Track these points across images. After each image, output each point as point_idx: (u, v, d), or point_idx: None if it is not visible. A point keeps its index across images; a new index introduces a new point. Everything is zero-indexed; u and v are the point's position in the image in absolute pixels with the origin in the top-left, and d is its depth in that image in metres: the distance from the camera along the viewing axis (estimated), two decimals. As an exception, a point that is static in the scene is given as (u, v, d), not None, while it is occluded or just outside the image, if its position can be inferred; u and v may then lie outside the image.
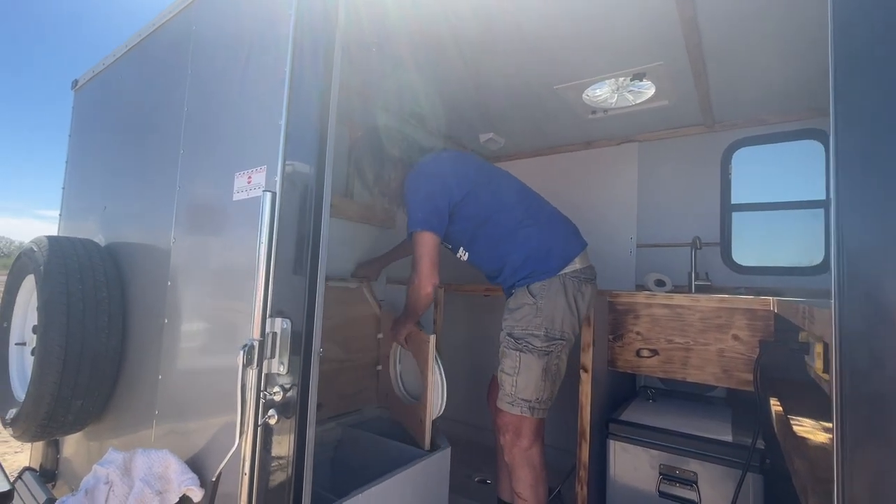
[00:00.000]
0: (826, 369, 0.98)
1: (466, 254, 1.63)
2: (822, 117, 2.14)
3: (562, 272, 1.48)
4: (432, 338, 1.63)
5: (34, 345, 1.70)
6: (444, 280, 2.50)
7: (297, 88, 1.10)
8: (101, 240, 1.80)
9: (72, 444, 1.82)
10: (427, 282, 1.50)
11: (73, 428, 1.54)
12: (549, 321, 1.44)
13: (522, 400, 1.44)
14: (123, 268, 1.63)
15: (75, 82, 2.23)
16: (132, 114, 1.77)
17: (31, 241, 1.63)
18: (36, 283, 1.52)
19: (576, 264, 1.50)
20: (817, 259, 2.16)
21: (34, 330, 1.73)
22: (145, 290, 1.51)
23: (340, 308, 1.97)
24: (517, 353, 1.45)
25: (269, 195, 0.98)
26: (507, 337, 1.49)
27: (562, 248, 1.52)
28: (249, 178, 1.17)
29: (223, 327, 1.20)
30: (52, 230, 2.14)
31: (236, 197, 1.20)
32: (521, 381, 1.44)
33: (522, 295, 1.48)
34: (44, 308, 1.43)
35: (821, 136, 2.17)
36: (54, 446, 1.90)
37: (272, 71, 1.14)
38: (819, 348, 1.00)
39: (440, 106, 2.31)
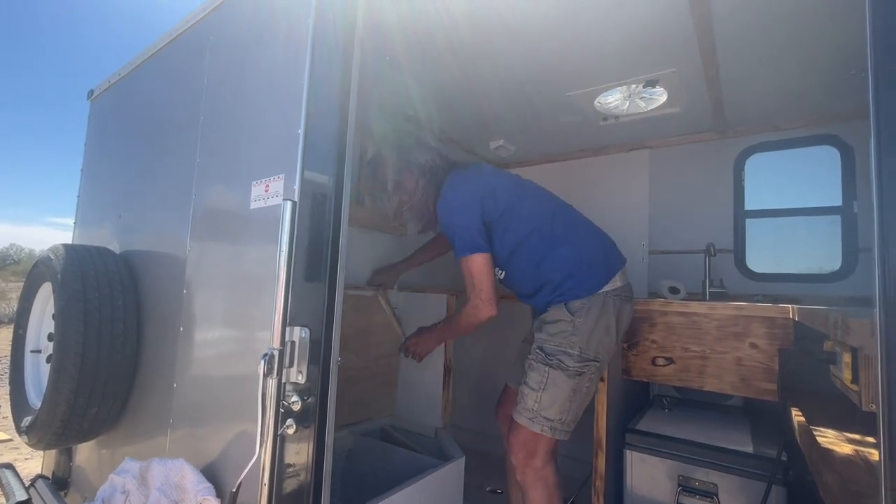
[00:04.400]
0: (855, 380, 0.97)
1: (503, 273, 1.57)
2: (837, 123, 2.12)
3: (604, 290, 1.42)
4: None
5: (49, 352, 1.71)
6: (455, 286, 2.51)
7: (316, 97, 1.11)
8: (115, 248, 1.81)
9: (85, 452, 1.82)
10: (489, 308, 1.43)
11: (87, 436, 1.54)
12: (586, 341, 1.37)
13: (544, 418, 1.36)
14: (138, 276, 1.64)
15: (91, 92, 2.26)
16: (148, 123, 1.79)
17: (48, 249, 1.65)
18: (53, 290, 1.53)
19: (617, 282, 1.44)
20: (833, 266, 2.13)
21: (49, 337, 1.74)
22: (160, 299, 1.51)
23: (354, 316, 1.97)
24: (546, 368, 1.38)
25: (289, 204, 0.98)
26: (538, 350, 1.42)
27: (602, 263, 1.45)
28: (267, 186, 1.17)
29: (239, 335, 1.20)
30: (64, 238, 2.17)
31: (253, 205, 1.20)
32: (545, 398, 1.37)
33: (559, 311, 1.42)
34: (60, 315, 1.44)
35: (836, 141, 2.15)
36: (67, 454, 1.90)
37: (290, 80, 1.14)
38: (847, 358, 0.98)
39: (450, 114, 2.31)
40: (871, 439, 1.24)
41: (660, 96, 2.06)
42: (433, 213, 1.62)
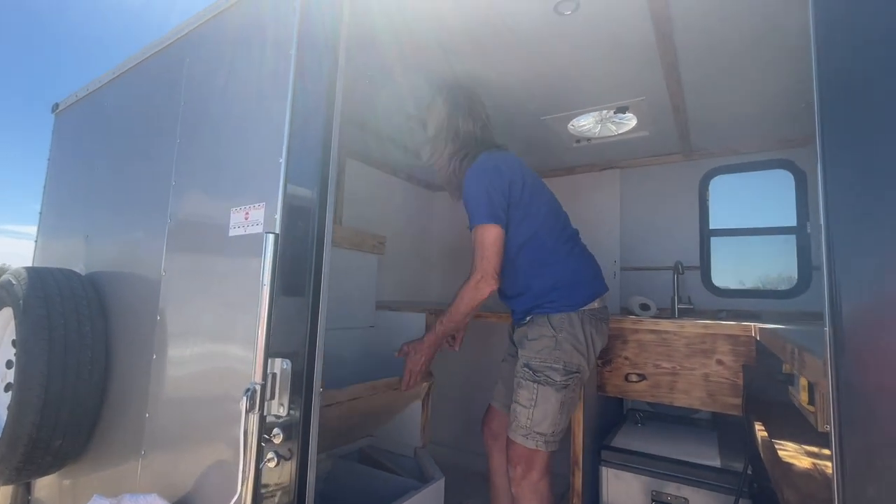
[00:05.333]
0: (811, 401, 1.03)
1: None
2: (791, 148, 2.27)
3: (583, 308, 1.47)
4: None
5: (7, 380, 1.62)
6: (436, 303, 2.53)
7: (299, 125, 1.11)
8: (81, 269, 1.75)
9: (44, 486, 1.73)
10: (491, 281, 1.42)
11: (50, 469, 1.48)
12: (569, 354, 1.43)
13: (538, 433, 1.40)
14: (107, 300, 1.58)
15: (56, 106, 2.19)
16: (119, 141, 1.74)
17: (10, 273, 1.57)
18: (14, 316, 1.46)
19: (595, 304, 1.50)
20: (790, 282, 2.26)
21: (8, 364, 1.66)
22: (132, 325, 1.47)
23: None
24: (535, 385, 1.42)
25: (271, 237, 0.98)
26: (525, 368, 1.45)
27: (590, 283, 1.50)
28: (247, 214, 1.17)
29: (217, 364, 1.18)
30: (25, 246, 2.06)
31: (233, 233, 1.19)
32: (537, 414, 1.41)
33: (542, 326, 1.45)
34: (23, 344, 1.37)
35: (790, 166, 2.29)
36: (25, 487, 1.80)
37: (271, 106, 1.14)
38: (804, 381, 1.05)
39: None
40: (827, 451, 1.32)
41: (629, 121, 2.16)
42: (459, 180, 1.61)
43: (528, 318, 1.51)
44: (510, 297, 1.58)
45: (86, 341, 1.45)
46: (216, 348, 1.19)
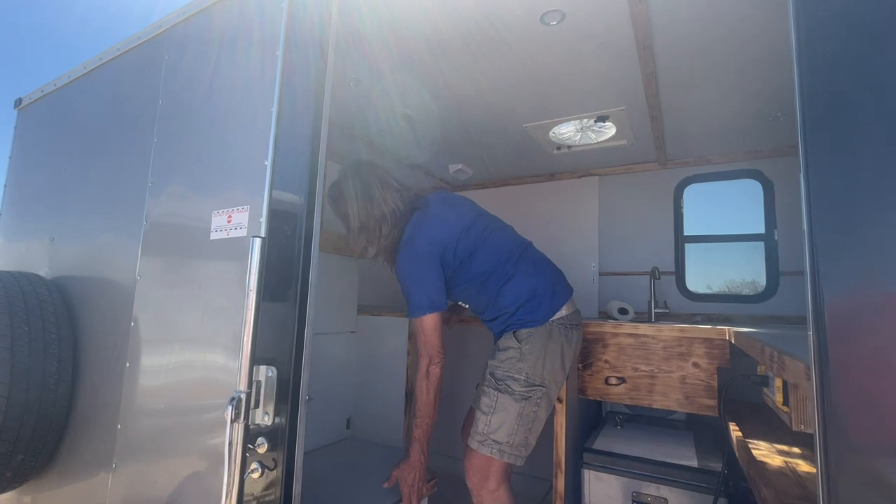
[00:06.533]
0: (786, 402, 1.08)
1: (468, 305, 1.66)
2: (760, 159, 2.37)
3: (550, 319, 1.49)
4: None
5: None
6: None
7: (285, 126, 1.09)
8: (45, 273, 1.66)
9: (3, 502, 1.62)
10: (437, 361, 1.45)
11: (10, 485, 1.39)
12: (532, 367, 1.44)
13: (493, 441, 1.42)
14: (75, 306, 1.51)
15: (19, 101, 2.08)
16: (90, 139, 1.67)
17: (-33, 277, 1.48)
18: (-28, 324, 1.37)
19: (563, 311, 1.53)
20: (759, 287, 2.36)
21: (-37, 375, 1.55)
22: (103, 331, 1.40)
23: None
24: (495, 393, 1.45)
25: (258, 241, 0.95)
26: (489, 376, 1.49)
27: (550, 296, 1.53)
28: (230, 217, 1.13)
29: (196, 372, 1.14)
30: None
31: (214, 236, 1.15)
32: (494, 421, 1.43)
33: (509, 339, 1.50)
34: (-18, 353, 1.29)
35: (759, 176, 2.40)
36: (-21, 505, 1.69)
37: (257, 108, 1.12)
38: (779, 383, 1.10)
39: (414, 141, 2.35)
40: (798, 450, 1.38)
41: (609, 130, 2.21)
42: (394, 256, 1.59)
43: (502, 336, 1.55)
44: (489, 321, 1.62)
45: (51, 349, 1.38)
46: (195, 356, 1.15)
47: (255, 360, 0.95)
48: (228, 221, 1.14)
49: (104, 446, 1.28)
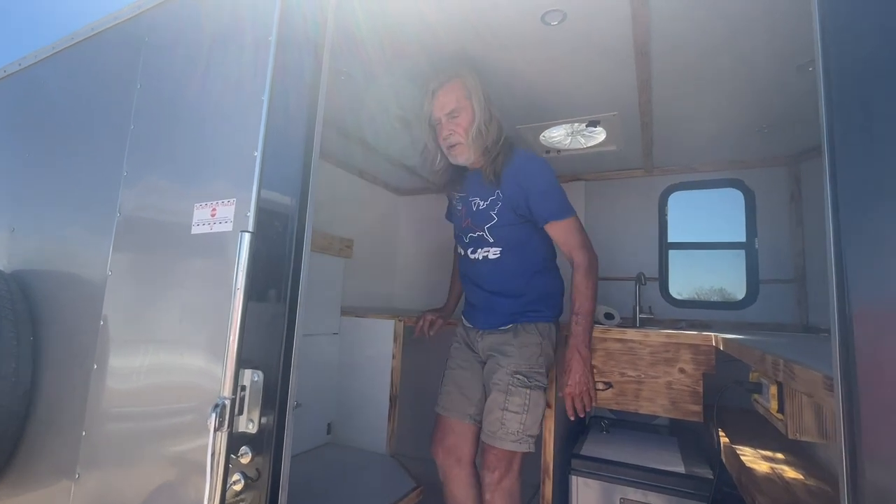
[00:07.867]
0: (780, 409, 1.08)
1: (499, 251, 1.55)
2: (742, 169, 2.43)
3: (558, 320, 1.61)
4: None
5: None
6: (400, 310, 2.45)
7: (277, 115, 1.03)
8: (4, 266, 1.54)
9: (-52, 516, 1.49)
10: (596, 260, 1.55)
11: (-43, 499, 1.27)
12: (549, 360, 1.55)
13: (529, 436, 1.45)
14: (36, 302, 1.40)
15: (-22, 81, 1.93)
16: (57, 125, 1.55)
17: (-86, 269, 1.35)
18: (-82, 320, 1.25)
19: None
20: (740, 294, 2.41)
21: None
22: (68, 331, 1.30)
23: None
24: (527, 391, 1.46)
25: (247, 236, 0.89)
26: (516, 376, 1.48)
27: (563, 300, 1.65)
28: (214, 210, 1.06)
29: (172, 376, 1.06)
30: None
31: (196, 230, 1.08)
32: (529, 419, 1.45)
33: (531, 333, 1.53)
34: (-71, 353, 1.18)
35: (741, 185, 2.45)
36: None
37: (247, 95, 1.05)
38: (774, 390, 1.10)
39: (409, 139, 2.30)
40: (780, 455, 1.40)
41: (599, 135, 2.22)
42: (497, 169, 1.53)
43: (508, 325, 1.53)
44: (498, 293, 1.56)
45: (9, 349, 1.27)
46: (172, 358, 1.07)
47: (241, 364, 0.88)
48: (212, 215, 1.06)
49: (67, 454, 1.19)
